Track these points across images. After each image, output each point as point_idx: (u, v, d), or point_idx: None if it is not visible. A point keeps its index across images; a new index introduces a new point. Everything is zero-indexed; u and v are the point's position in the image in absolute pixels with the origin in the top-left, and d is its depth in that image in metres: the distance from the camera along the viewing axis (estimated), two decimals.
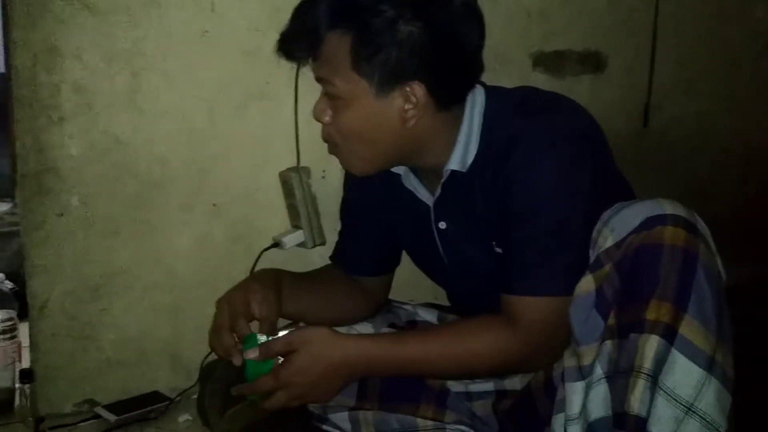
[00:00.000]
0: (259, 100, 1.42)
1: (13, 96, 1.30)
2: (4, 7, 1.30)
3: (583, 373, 0.82)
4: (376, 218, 1.15)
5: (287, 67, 1.40)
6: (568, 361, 0.86)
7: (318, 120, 0.98)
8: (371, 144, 0.95)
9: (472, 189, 0.98)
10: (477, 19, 0.94)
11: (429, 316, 1.17)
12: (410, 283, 1.29)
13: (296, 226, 1.46)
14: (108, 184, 1.34)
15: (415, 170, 1.05)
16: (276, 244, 1.45)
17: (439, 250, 1.06)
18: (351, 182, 1.18)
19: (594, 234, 0.86)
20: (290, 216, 1.47)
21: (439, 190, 1.01)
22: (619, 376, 0.78)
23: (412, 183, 1.05)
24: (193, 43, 1.35)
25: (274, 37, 1.37)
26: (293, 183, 1.43)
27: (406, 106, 0.92)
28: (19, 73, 1.27)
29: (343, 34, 0.90)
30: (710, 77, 1.88)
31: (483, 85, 1.00)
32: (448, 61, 0.92)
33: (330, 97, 0.95)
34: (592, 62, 1.60)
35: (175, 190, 1.40)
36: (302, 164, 1.47)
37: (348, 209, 1.22)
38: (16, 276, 2.04)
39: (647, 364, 0.75)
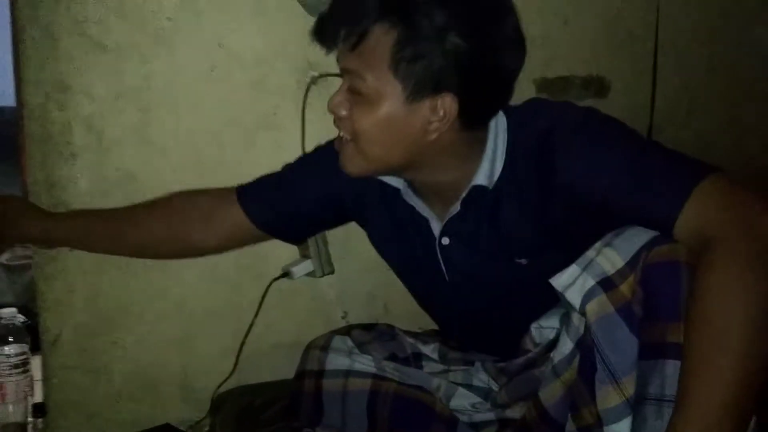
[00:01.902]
0: (267, 131, 1.44)
1: (25, 132, 1.33)
2: (15, 45, 1.33)
3: (629, 406, 0.77)
4: (324, 190, 1.13)
5: (294, 98, 1.44)
6: (605, 402, 0.79)
7: (333, 112, 0.95)
8: (384, 147, 0.92)
9: (499, 203, 0.95)
10: (522, 45, 0.92)
11: (431, 352, 1.14)
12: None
13: (305, 256, 1.46)
14: None
15: (412, 185, 1.02)
16: (285, 274, 1.45)
17: (440, 266, 1.04)
18: (323, 162, 1.14)
19: (591, 253, 0.84)
20: (299, 246, 1.48)
21: (458, 207, 0.97)
22: (648, 404, 0.74)
23: (412, 198, 1.03)
24: (201, 77, 1.37)
25: (281, 69, 1.43)
26: None
27: (432, 118, 0.89)
28: (32, 110, 1.29)
29: (389, 29, 0.86)
30: (712, 98, 1.88)
31: None
32: (486, 81, 0.90)
33: (353, 91, 0.91)
34: (596, 86, 1.61)
35: None
36: None
37: (300, 165, 1.20)
38: (27, 309, 2.05)
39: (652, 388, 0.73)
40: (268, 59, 1.41)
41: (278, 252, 1.47)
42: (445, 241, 1.02)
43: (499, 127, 0.96)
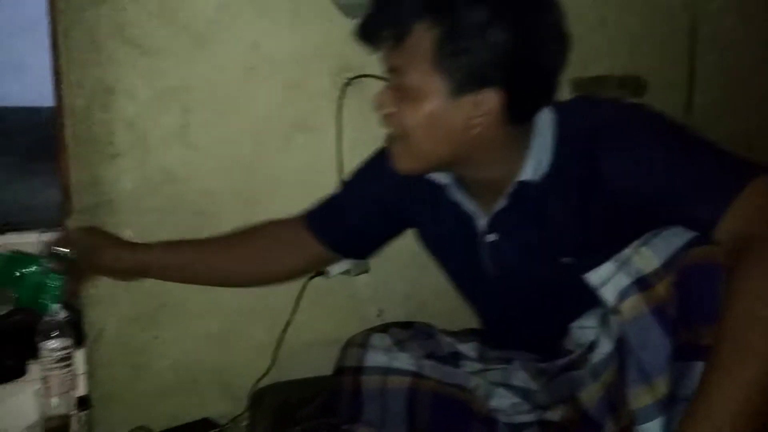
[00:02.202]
0: (303, 132, 1.46)
1: (69, 134, 1.36)
2: (54, 47, 1.36)
3: (662, 406, 0.77)
4: (381, 202, 1.14)
5: (330, 99, 1.45)
6: (637, 402, 0.79)
7: (379, 109, 0.95)
8: (431, 143, 0.92)
9: (545, 199, 0.95)
10: (564, 40, 0.91)
11: (470, 350, 1.14)
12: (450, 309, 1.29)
13: None
14: (159, 217, 1.39)
15: (460, 181, 1.03)
16: (321, 273, 1.47)
17: (483, 263, 1.04)
18: (375, 168, 1.17)
19: (628, 251, 0.83)
20: None
21: (504, 202, 0.97)
22: (680, 405, 0.74)
23: (458, 195, 1.03)
24: (239, 79, 1.40)
25: (317, 71, 1.44)
26: None
27: (475, 113, 0.89)
28: (76, 112, 1.33)
29: (432, 26, 0.87)
30: (751, 97, 1.85)
31: None
32: (529, 76, 0.90)
33: (398, 88, 0.92)
34: (632, 86, 1.59)
35: (223, 221, 1.42)
36: None
37: (355, 181, 1.21)
38: (69, 305, 2.10)
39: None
40: (305, 61, 1.43)
41: None
42: (491, 237, 1.02)
43: (545, 122, 0.96)
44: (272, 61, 1.41)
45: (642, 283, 0.81)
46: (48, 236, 1.07)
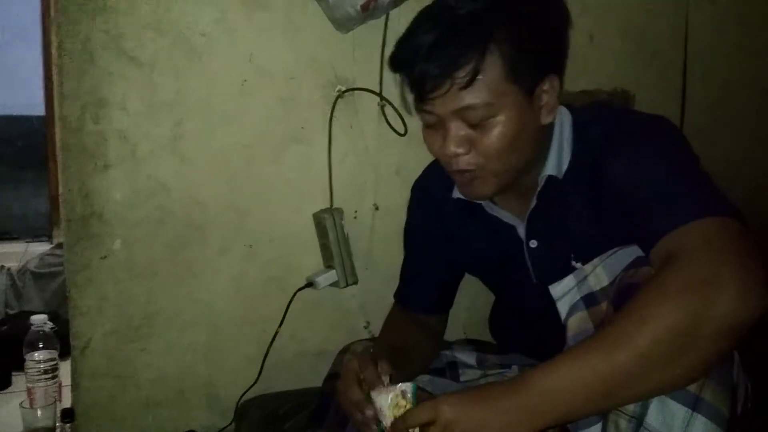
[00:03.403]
0: (295, 144, 1.47)
1: (60, 144, 1.36)
2: (46, 57, 1.36)
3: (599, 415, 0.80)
4: (441, 252, 1.17)
5: (321, 112, 1.47)
6: None
7: (454, 155, 0.93)
8: (518, 153, 0.93)
9: (566, 198, 0.98)
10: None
11: (468, 358, 1.17)
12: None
13: (329, 266, 1.49)
14: (149, 228, 1.39)
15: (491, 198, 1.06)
16: (310, 284, 1.48)
17: (528, 272, 1.07)
18: (415, 215, 1.21)
19: (588, 267, 0.86)
20: (323, 256, 1.50)
21: (534, 201, 1.00)
22: (612, 413, 0.77)
23: (494, 210, 1.07)
24: (232, 92, 1.41)
25: (309, 84, 1.45)
26: (326, 224, 1.46)
27: (544, 102, 0.93)
28: (68, 122, 1.32)
29: (494, 49, 0.87)
30: (742, 113, 1.88)
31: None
32: (565, 52, 0.96)
33: (471, 124, 0.91)
34: (621, 100, 1.62)
35: (213, 232, 1.43)
36: (335, 205, 1.50)
37: (411, 243, 1.24)
38: (55, 315, 2.09)
39: (630, 405, 0.75)
40: (297, 74, 1.45)
41: (303, 262, 1.50)
42: (533, 243, 1.05)
43: (564, 122, 0.99)
44: (265, 74, 1.43)
45: (589, 300, 0.84)
46: None
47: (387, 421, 0.83)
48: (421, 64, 0.89)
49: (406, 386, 0.84)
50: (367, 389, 0.90)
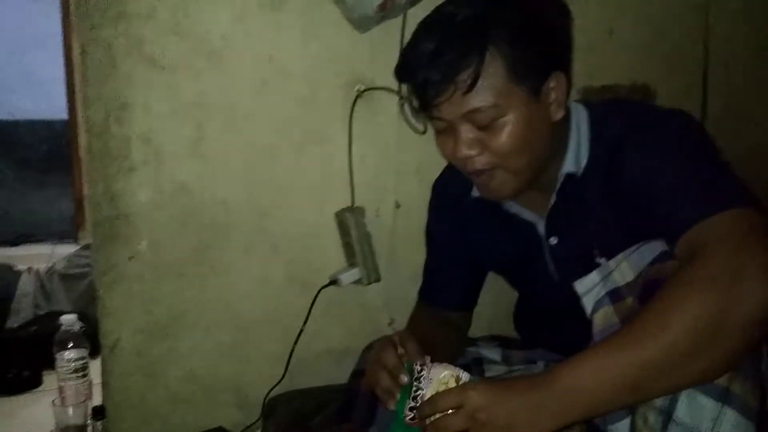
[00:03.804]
0: (315, 144, 1.48)
1: (86, 148, 1.39)
2: (67, 62, 1.39)
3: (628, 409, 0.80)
4: (462, 250, 1.18)
5: (341, 111, 1.48)
6: None
7: (467, 157, 0.94)
8: (532, 151, 0.94)
9: (585, 195, 0.98)
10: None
11: (493, 354, 1.18)
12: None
13: (352, 264, 1.50)
14: (175, 229, 1.41)
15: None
16: (333, 282, 1.49)
17: (549, 269, 1.08)
18: (436, 214, 1.22)
19: (612, 263, 0.86)
20: (346, 254, 1.51)
21: (553, 198, 1.01)
22: (641, 405, 0.77)
23: (513, 207, 1.07)
24: (252, 92, 1.42)
25: (328, 84, 1.46)
26: (348, 222, 1.47)
27: (553, 100, 0.93)
28: (93, 126, 1.35)
29: (495, 51, 0.88)
30: (764, 104, 1.86)
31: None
32: (570, 48, 0.97)
33: (479, 127, 0.92)
34: (640, 95, 1.61)
35: (237, 232, 1.45)
36: (356, 204, 1.51)
37: (433, 242, 1.25)
38: (84, 316, 2.13)
39: (658, 399, 0.75)
40: (317, 74, 1.46)
41: (326, 261, 1.51)
42: (553, 241, 1.05)
43: (581, 118, 1.00)
44: (285, 75, 1.44)
45: (614, 295, 0.84)
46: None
47: (427, 393, 0.83)
48: (424, 71, 0.90)
49: (465, 374, 0.84)
50: (406, 360, 0.90)
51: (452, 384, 0.83)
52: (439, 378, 0.83)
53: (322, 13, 1.43)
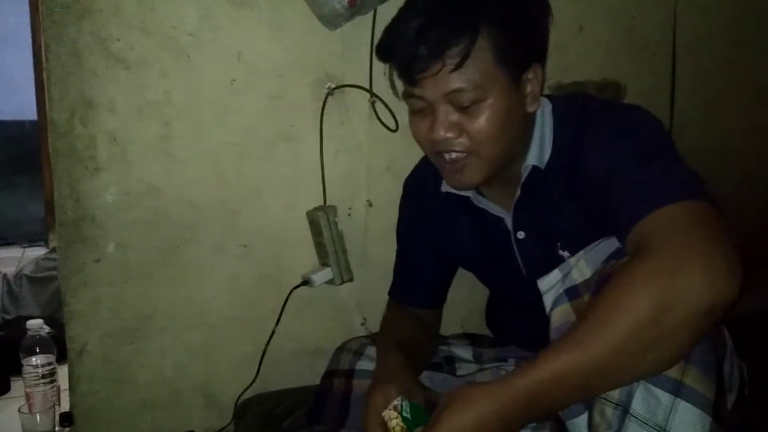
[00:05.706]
0: (286, 143, 1.46)
1: (50, 148, 1.36)
2: (36, 62, 1.36)
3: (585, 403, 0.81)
4: (433, 246, 1.18)
5: (311, 110, 1.46)
6: None
7: (444, 138, 0.93)
8: (506, 140, 0.94)
9: (549, 188, 0.99)
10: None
11: (465, 353, 1.17)
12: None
13: (324, 264, 1.49)
14: (142, 230, 1.38)
15: (478, 189, 1.07)
16: (305, 282, 1.47)
17: (518, 263, 1.08)
18: (407, 212, 1.22)
19: (573, 261, 0.87)
20: (318, 254, 1.50)
21: (518, 192, 1.01)
22: (597, 400, 0.78)
23: (482, 202, 1.07)
24: (221, 91, 1.40)
25: (298, 81, 1.45)
26: (320, 222, 1.46)
27: (530, 91, 0.94)
28: (57, 126, 1.32)
29: (484, 33, 0.88)
30: (731, 102, 1.88)
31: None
32: (548, 41, 0.98)
33: (460, 109, 0.91)
34: (611, 91, 1.62)
35: (207, 232, 1.43)
36: (328, 203, 1.50)
37: (404, 240, 1.25)
38: (52, 320, 2.09)
39: (615, 393, 0.76)
40: (287, 72, 1.44)
41: (298, 260, 1.50)
42: (521, 235, 1.06)
43: (545, 112, 1.00)
44: (254, 72, 1.42)
45: (572, 293, 0.85)
46: None
47: None
48: (411, 47, 0.89)
49: (397, 400, 0.89)
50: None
51: (394, 416, 0.87)
52: (389, 423, 0.88)
53: (291, 9, 1.42)
